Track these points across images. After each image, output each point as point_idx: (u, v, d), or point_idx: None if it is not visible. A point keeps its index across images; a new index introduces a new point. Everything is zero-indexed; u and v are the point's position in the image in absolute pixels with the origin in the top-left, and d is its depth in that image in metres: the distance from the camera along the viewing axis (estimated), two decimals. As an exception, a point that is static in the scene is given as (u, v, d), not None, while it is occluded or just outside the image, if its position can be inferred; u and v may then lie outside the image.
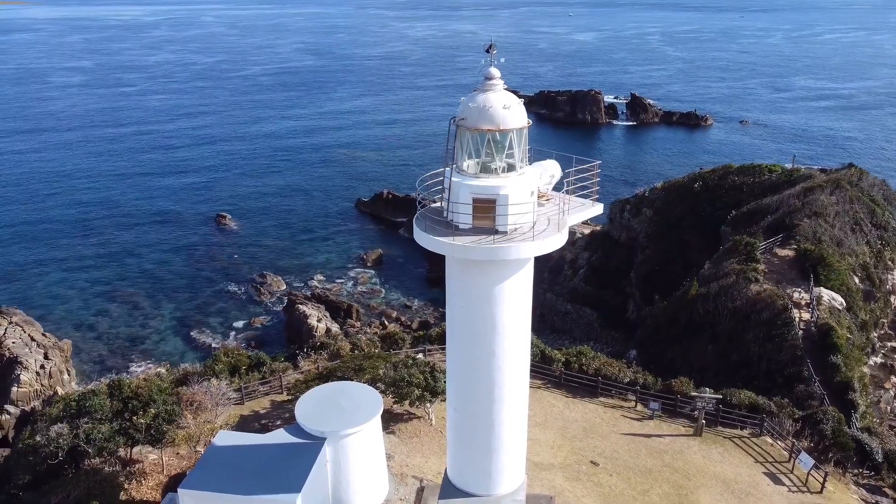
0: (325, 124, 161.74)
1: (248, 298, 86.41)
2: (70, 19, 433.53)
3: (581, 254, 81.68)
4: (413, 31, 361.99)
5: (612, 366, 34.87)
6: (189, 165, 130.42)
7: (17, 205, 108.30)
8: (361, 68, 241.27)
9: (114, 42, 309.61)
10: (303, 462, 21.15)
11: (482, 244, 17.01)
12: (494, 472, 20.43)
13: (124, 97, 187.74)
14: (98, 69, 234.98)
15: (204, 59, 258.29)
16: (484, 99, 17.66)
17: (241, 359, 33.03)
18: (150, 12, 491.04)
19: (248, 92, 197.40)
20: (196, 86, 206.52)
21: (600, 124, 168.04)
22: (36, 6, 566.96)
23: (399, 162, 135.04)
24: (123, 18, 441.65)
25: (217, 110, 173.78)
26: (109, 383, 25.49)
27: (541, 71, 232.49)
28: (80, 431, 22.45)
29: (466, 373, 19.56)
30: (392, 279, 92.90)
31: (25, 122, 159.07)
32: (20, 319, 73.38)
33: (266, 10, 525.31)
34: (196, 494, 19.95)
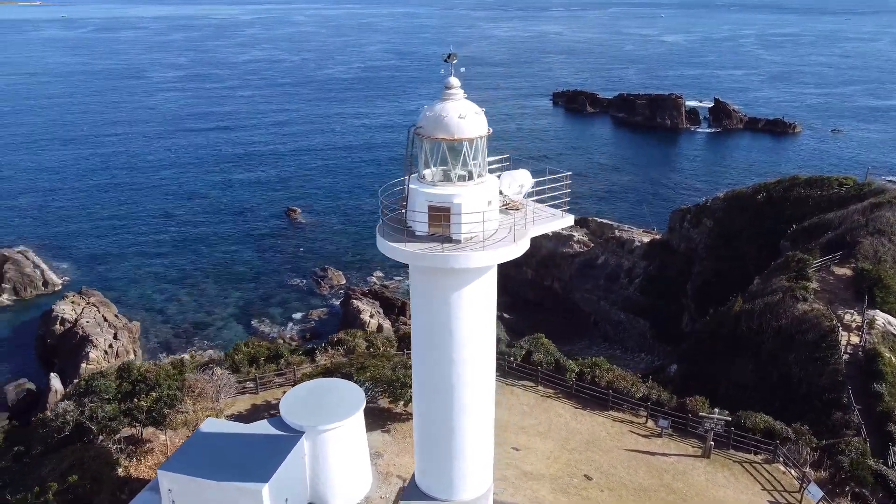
0: (402, 123, 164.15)
1: (308, 291, 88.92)
2: (173, 18, 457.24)
3: (638, 262, 79.82)
4: (498, 32, 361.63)
5: (626, 379, 34.09)
6: (266, 160, 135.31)
7: (107, 193, 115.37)
8: (443, 67, 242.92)
9: (210, 40, 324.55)
10: (277, 454, 21.93)
11: (431, 252, 17.22)
12: (456, 478, 20.54)
13: (213, 93, 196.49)
14: (193, 65, 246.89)
15: (291, 58, 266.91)
16: (441, 108, 17.82)
17: (260, 349, 34.34)
18: (247, 11, 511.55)
19: (330, 90, 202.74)
20: (281, 83, 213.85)
21: (680, 129, 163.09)
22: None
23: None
24: (222, 17, 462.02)
25: (298, 107, 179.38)
26: (120, 366, 27.15)
27: (623, 73, 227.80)
28: (85, 409, 24.08)
29: (427, 379, 19.79)
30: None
31: (122, 115, 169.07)
32: (97, 300, 78.35)
33: (356, 9, 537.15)
34: (172, 476, 21.08)
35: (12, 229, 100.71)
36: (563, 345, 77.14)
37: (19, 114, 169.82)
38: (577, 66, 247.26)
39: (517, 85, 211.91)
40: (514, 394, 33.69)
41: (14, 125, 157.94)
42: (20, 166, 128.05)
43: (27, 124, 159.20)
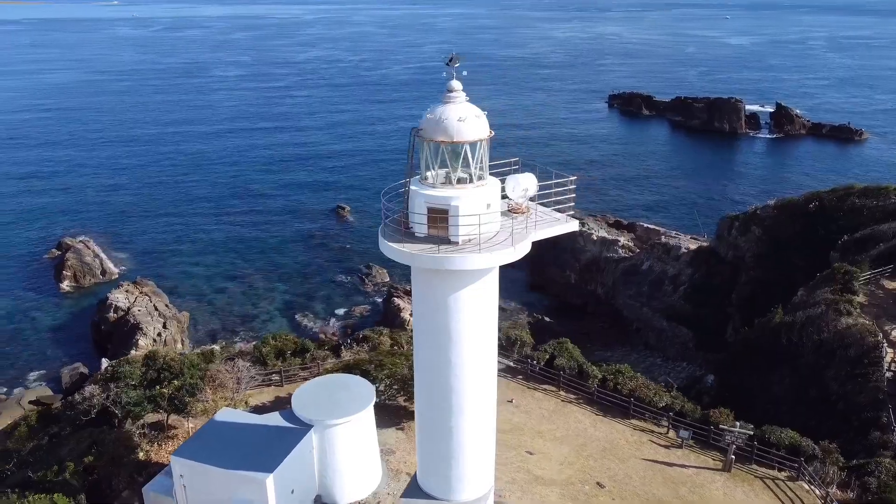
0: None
1: (352, 288, 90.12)
2: (238, 17, 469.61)
3: (684, 270, 78.12)
4: (556, 33, 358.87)
5: (649, 388, 33.54)
6: (320, 158, 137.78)
7: (166, 187, 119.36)
8: (498, 69, 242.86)
9: (272, 39, 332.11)
10: (284, 445, 22.50)
11: (427, 253, 17.40)
12: (454, 479, 20.68)
13: (271, 92, 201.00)
14: (254, 64, 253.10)
15: (350, 57, 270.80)
16: (441, 111, 18.00)
17: (287, 343, 35.16)
18: (310, 11, 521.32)
19: (385, 90, 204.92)
20: (338, 83, 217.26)
21: (739, 134, 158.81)
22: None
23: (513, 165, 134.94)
24: (284, 17, 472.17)
25: (353, 107, 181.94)
26: (146, 354, 28.26)
27: (682, 76, 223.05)
28: (110, 394, 25.19)
29: (427, 379, 19.99)
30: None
31: (184, 112, 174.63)
32: (150, 290, 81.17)
33: (416, 10, 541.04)
34: (184, 462, 21.88)
35: (77, 220, 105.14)
36: (604, 351, 76.36)
37: (89, 110, 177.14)
38: (634, 68, 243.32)
39: (573, 87, 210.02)
40: (535, 398, 33.58)
41: (84, 121, 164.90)
42: (88, 161, 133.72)
43: (96, 121, 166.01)
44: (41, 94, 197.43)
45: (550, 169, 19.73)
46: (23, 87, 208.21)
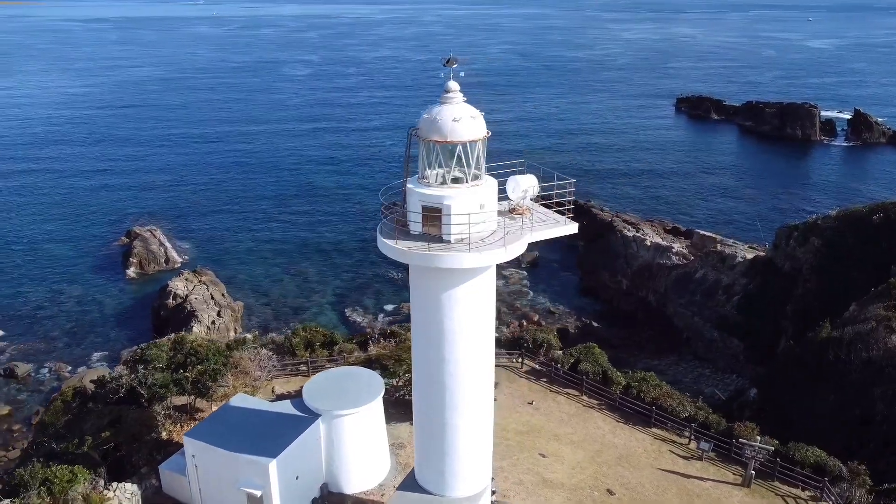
0: (512, 123, 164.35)
1: (403, 284, 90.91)
2: (310, 16, 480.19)
3: (739, 279, 75.78)
4: (627, 34, 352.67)
5: (672, 397, 32.84)
6: (378, 156, 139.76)
7: (232, 181, 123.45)
8: (565, 70, 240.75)
9: (342, 38, 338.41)
10: (290, 433, 23.21)
11: (418, 250, 17.67)
12: (448, 475, 20.87)
13: (339, 91, 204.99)
14: (323, 63, 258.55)
15: (416, 57, 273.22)
16: (437, 111, 18.24)
17: (316, 335, 36.05)
18: (381, 10, 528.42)
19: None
20: (404, 82, 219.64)
21: (812, 141, 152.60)
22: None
23: (572, 167, 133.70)
24: (356, 16, 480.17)
25: (416, 106, 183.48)
26: (174, 339, 29.56)
27: (756, 80, 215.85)
28: (137, 375, 26.51)
29: (422, 376, 20.26)
30: (543, 283, 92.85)
31: (253, 109, 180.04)
32: (208, 279, 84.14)
33: (486, 10, 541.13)
34: (195, 443, 22.86)
35: (145, 209, 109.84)
36: (651, 359, 74.90)
37: (164, 107, 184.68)
38: (706, 71, 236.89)
39: (639, 90, 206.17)
40: (557, 401, 33.38)
41: (158, 117, 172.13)
42: (159, 154, 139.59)
43: (169, 117, 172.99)
44: (120, 89, 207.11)
45: (552, 171, 19.70)
46: (105, 82, 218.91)
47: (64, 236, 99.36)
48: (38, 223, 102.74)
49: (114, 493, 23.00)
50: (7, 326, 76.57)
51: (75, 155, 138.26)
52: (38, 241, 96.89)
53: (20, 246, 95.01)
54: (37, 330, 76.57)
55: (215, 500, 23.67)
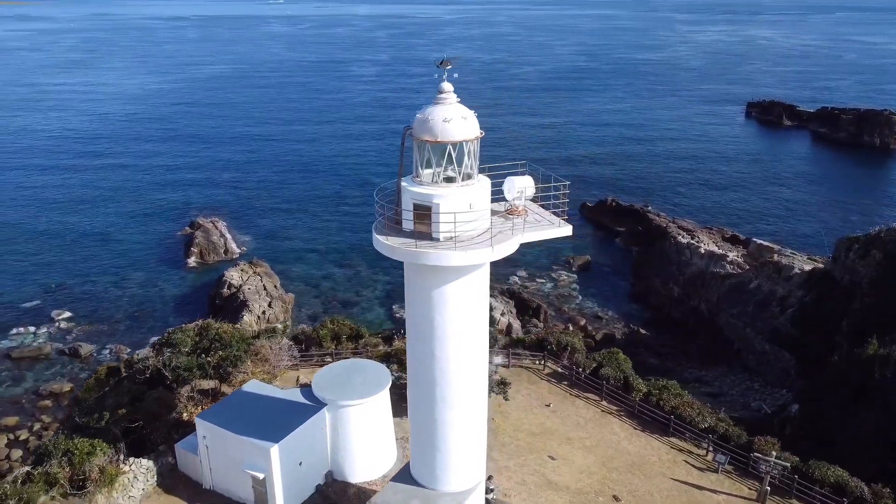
0: (575, 124, 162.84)
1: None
2: (382, 16, 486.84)
3: (794, 291, 73.07)
4: (700, 36, 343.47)
5: (692, 407, 32.15)
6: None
7: (294, 176, 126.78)
8: (632, 72, 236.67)
9: (411, 38, 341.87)
10: (295, 420, 24.00)
11: (406, 247, 18.06)
12: (439, 469, 21.18)
13: (402, 90, 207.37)
14: (390, 62, 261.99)
15: (483, 57, 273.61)
16: (430, 111, 18.59)
17: (343, 328, 36.93)
18: (451, 11, 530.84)
19: (512, 89, 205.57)
20: (467, 83, 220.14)
21: (891, 150, 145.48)
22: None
23: (634, 170, 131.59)
24: (426, 16, 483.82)
25: (476, 106, 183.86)
26: (200, 325, 30.88)
27: (834, 85, 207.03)
28: (163, 358, 27.90)
29: (414, 371, 20.65)
30: (592, 287, 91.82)
31: (320, 106, 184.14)
32: (263, 271, 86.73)
33: (556, 10, 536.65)
34: (206, 424, 23.94)
35: (210, 201, 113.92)
36: (698, 370, 73.22)
37: (233, 104, 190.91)
38: (781, 75, 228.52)
39: (709, 93, 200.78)
40: (575, 405, 33.18)
41: (227, 112, 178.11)
42: (228, 148, 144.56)
43: (238, 112, 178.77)
44: (194, 86, 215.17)
45: (550, 173, 19.77)
46: (180, 79, 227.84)
47: (133, 225, 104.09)
48: (111, 213, 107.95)
49: (130, 467, 24.39)
50: (76, 308, 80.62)
51: (148, 148, 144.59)
52: (110, 230, 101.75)
53: (94, 234, 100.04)
54: (102, 313, 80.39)
55: (224, 480, 24.76)
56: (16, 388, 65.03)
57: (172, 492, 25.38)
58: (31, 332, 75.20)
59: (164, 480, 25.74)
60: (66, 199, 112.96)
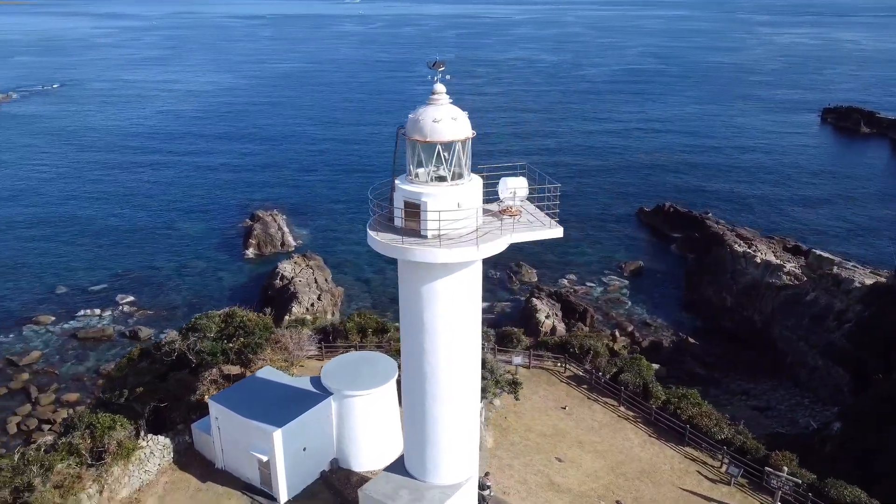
0: (638, 127, 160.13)
1: (499, 283, 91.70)
2: (451, 16, 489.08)
3: (853, 306, 70.04)
4: (780, 38, 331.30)
5: (710, 417, 31.47)
6: (493, 157, 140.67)
7: (353, 172, 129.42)
8: (704, 75, 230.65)
9: (479, 37, 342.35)
10: (300, 407, 24.89)
11: (393, 243, 18.57)
12: (428, 462, 21.62)
13: (469, 88, 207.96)
14: (456, 62, 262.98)
15: (550, 58, 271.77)
16: (421, 112, 19.03)
17: (370, 322, 37.78)
18: (521, 11, 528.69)
19: (577, 90, 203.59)
20: (533, 82, 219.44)
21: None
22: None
23: (696, 176, 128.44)
24: (495, 16, 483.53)
25: (539, 106, 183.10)
26: (226, 312, 32.23)
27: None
28: (189, 342, 29.32)
29: (406, 365, 21.15)
30: (643, 293, 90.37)
31: (381, 104, 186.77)
32: (316, 264, 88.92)
33: (628, 11, 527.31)
34: (217, 406, 25.10)
35: (271, 195, 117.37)
36: (746, 382, 71.20)
37: (299, 102, 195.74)
38: (864, 79, 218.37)
39: (784, 97, 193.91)
40: (592, 409, 33.00)
41: (292, 112, 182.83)
42: (292, 143, 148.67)
43: (303, 109, 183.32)
44: (264, 83, 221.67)
45: (544, 174, 19.93)
46: (251, 76, 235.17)
47: (198, 216, 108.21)
48: (178, 204, 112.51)
49: (147, 443, 25.83)
50: (139, 293, 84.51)
51: (216, 143, 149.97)
52: (176, 220, 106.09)
53: (161, 223, 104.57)
54: (162, 298, 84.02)
55: (234, 460, 25.92)
56: (79, 367, 68.87)
57: (187, 469, 26.75)
58: (97, 315, 79.19)
59: (179, 458, 27.16)
60: (137, 190, 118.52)
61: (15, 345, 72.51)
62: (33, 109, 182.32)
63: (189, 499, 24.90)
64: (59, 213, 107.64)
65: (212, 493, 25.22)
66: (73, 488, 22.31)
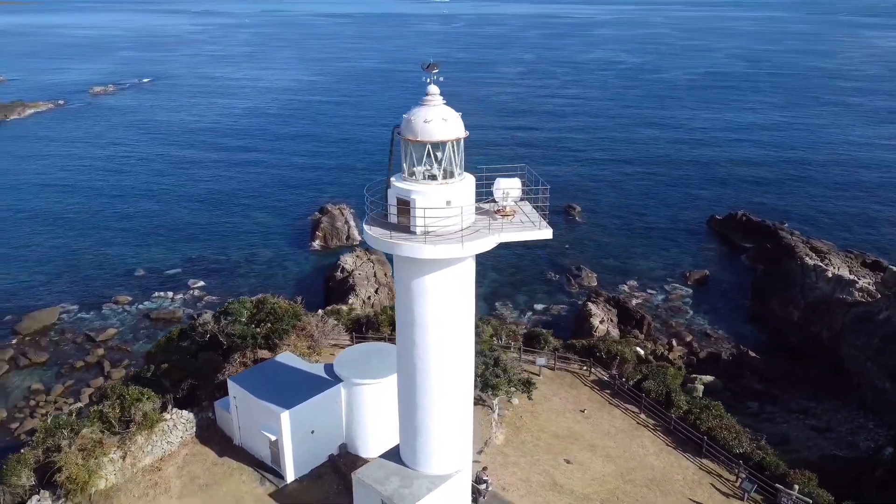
0: (716, 132, 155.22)
1: (558, 286, 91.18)
2: (535, 16, 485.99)
3: (930, 327, 65.99)
4: (883, 41, 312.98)
5: (730, 431, 30.65)
6: (564, 157, 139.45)
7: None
8: (794, 79, 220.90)
9: (560, 38, 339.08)
10: (310, 391, 26.00)
11: (383, 238, 19.26)
12: (419, 452, 22.21)
13: (543, 90, 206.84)
14: (536, 62, 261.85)
15: (631, 59, 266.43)
16: (415, 112, 19.65)
17: (400, 316, 38.67)
18: (606, 11, 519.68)
19: (655, 93, 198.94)
20: (611, 84, 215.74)
21: None
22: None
23: (777, 184, 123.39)
24: (579, 16, 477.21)
25: (614, 110, 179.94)
26: (259, 298, 33.79)
27: None
28: (220, 325, 31.03)
29: (399, 357, 21.81)
30: (706, 304, 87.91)
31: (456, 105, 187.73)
32: (377, 258, 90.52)
33: (719, 12, 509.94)
34: (235, 386, 26.53)
35: (341, 189, 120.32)
36: (807, 401, 68.37)
37: (376, 98, 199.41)
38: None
39: (880, 104, 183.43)
40: (612, 414, 32.72)
41: (370, 107, 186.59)
42: (365, 139, 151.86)
43: (378, 108, 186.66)
44: (345, 80, 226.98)
45: (541, 176, 20.19)
46: (334, 73, 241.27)
47: (270, 208, 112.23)
48: (253, 195, 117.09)
49: (171, 416, 27.59)
50: (209, 278, 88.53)
51: (294, 139, 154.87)
52: (250, 211, 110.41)
53: (235, 214, 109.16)
54: (230, 284, 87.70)
55: (249, 438, 27.34)
56: (148, 345, 72.75)
57: (207, 443, 28.38)
58: (170, 297, 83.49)
59: (202, 433, 28.84)
60: (215, 182, 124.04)
61: (94, 321, 77.25)
62: (126, 102, 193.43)
63: (205, 471, 26.48)
64: (142, 202, 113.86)
65: (226, 468, 26.72)
66: (95, 452, 24.22)
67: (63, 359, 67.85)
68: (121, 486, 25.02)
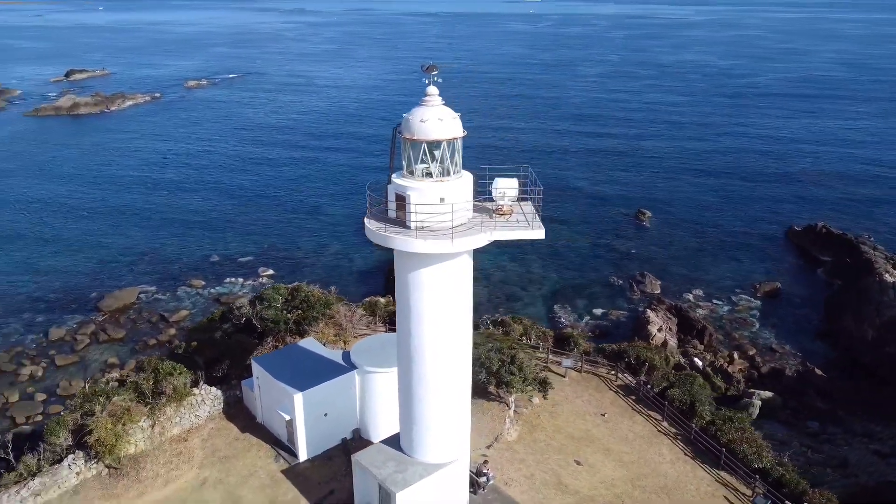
0: (806, 140, 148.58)
1: (619, 291, 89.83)
2: (622, 16, 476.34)
3: None
4: None
5: (750, 444, 29.80)
6: (635, 160, 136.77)
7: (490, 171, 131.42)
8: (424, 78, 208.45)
9: (647, 39, 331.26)
10: (325, 376, 27.22)
11: (378, 230, 20.09)
12: (415, 440, 22.94)
13: (622, 92, 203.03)
14: (619, 63, 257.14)
15: (719, 62, 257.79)
16: (414, 112, 20.37)
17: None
18: (699, 12, 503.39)
19: (745, 99, 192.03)
20: (694, 88, 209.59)
21: None
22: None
23: (863, 197, 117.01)
24: (670, 17, 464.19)
25: (697, 115, 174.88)
26: (293, 286, 35.35)
27: None
28: (255, 310, 32.78)
29: (399, 346, 22.61)
30: (774, 317, 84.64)
31: (531, 107, 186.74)
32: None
33: (821, 13, 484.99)
34: (257, 367, 28.07)
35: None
36: (874, 424, 65.09)
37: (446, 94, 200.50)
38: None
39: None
40: (633, 420, 32.42)
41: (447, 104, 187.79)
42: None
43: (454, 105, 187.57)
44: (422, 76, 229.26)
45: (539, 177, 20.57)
46: (414, 70, 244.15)
47: (342, 203, 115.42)
48: (327, 189, 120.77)
49: (200, 391, 29.45)
50: (278, 267, 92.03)
51: (371, 137, 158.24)
52: (322, 204, 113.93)
53: (308, 204, 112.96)
54: (297, 274, 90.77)
55: (269, 416, 28.84)
56: (216, 328, 76.69)
57: (233, 420, 30.11)
58: (240, 283, 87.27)
59: (228, 409, 30.61)
60: (292, 175, 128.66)
61: (170, 303, 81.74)
62: (217, 96, 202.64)
63: (227, 445, 28.18)
64: (222, 196, 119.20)
65: (246, 443, 28.34)
66: (123, 418, 26.30)
67: (138, 336, 72.21)
68: (149, 452, 27.09)
